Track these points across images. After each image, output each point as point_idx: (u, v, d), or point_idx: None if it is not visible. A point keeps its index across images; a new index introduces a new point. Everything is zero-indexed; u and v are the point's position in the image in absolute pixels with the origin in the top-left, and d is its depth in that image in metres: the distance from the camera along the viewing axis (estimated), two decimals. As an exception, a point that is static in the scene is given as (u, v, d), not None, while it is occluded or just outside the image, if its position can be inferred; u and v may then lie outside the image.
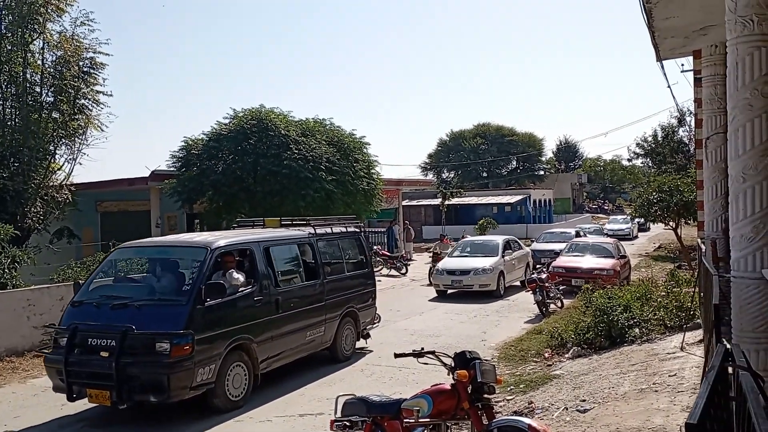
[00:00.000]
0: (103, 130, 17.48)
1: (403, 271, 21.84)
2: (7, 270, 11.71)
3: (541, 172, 62.80)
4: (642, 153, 38.69)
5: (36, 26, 16.16)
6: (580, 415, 6.13)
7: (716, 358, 2.98)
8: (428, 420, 4.55)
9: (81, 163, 17.61)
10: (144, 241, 9.08)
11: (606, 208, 65.85)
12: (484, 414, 4.44)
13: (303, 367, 9.24)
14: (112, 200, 23.06)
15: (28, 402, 8.17)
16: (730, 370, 3.02)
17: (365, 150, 18.77)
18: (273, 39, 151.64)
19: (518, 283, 17.65)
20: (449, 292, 16.71)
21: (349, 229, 10.84)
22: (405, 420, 4.63)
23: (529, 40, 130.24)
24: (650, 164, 38.23)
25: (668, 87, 47.42)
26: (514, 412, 6.57)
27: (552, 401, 6.86)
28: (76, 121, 16.85)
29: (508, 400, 7.33)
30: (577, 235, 23.88)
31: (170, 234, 17.89)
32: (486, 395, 4.48)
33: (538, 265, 18.21)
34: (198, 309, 7.00)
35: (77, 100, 16.76)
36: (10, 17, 16.05)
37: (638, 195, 24.67)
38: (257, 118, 17.08)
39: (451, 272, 16.57)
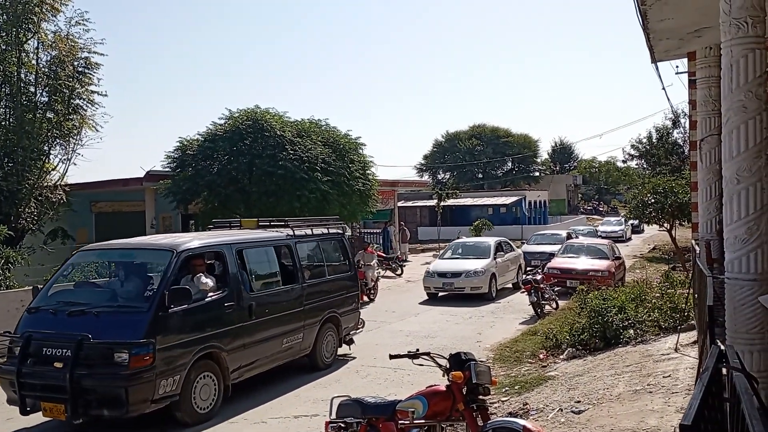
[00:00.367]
0: (97, 131, 17.47)
1: (399, 272, 21.87)
2: (0, 271, 11.67)
3: (537, 174, 62.93)
4: (637, 154, 38.84)
5: (30, 26, 16.11)
6: (575, 416, 6.14)
7: (710, 359, 2.98)
8: (423, 421, 4.55)
9: (75, 164, 17.62)
10: (107, 243, 8.61)
11: (601, 209, 66.00)
12: (479, 415, 4.44)
13: (298, 369, 9.23)
14: (106, 201, 22.98)
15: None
16: (724, 371, 3.03)
17: (361, 151, 18.76)
18: (269, 39, 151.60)
19: (510, 286, 17.53)
20: (440, 294, 16.42)
21: (331, 230, 10.41)
22: (400, 421, 4.63)
23: (524, 42, 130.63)
24: (645, 166, 38.36)
25: (663, 89, 47.49)
26: (509, 414, 6.57)
27: (547, 402, 6.87)
28: (70, 121, 16.80)
29: (503, 401, 7.34)
30: (569, 237, 23.62)
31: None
32: (481, 396, 4.49)
33: (529, 268, 18.21)
34: (161, 316, 6.58)
35: (72, 100, 16.71)
36: (4, 17, 15.99)
37: (633, 196, 24.74)
38: (252, 119, 17.04)
39: (442, 274, 16.27)
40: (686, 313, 9.16)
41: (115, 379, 6.27)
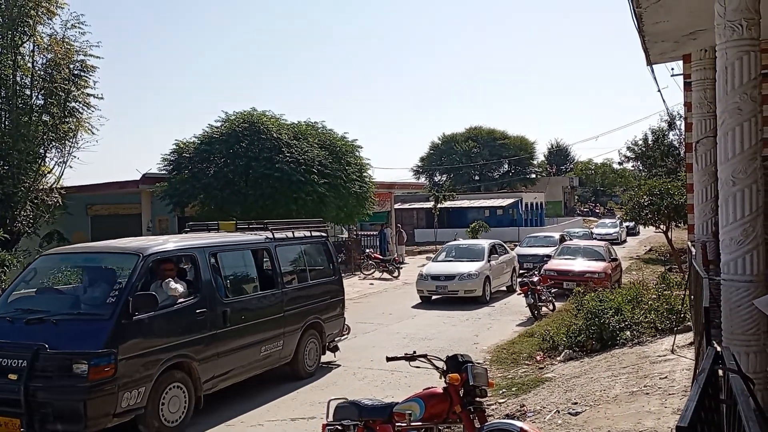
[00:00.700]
0: (93, 133, 17.40)
1: (395, 274, 21.86)
2: (-4, 274, 11.62)
3: (533, 176, 63.07)
4: (633, 156, 38.90)
5: (26, 29, 16.07)
6: (572, 417, 6.14)
7: (707, 360, 2.99)
8: (420, 423, 4.55)
9: (71, 167, 17.57)
10: (72, 247, 8.16)
11: (597, 211, 66.16)
12: (476, 417, 4.44)
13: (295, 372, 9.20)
14: (102, 204, 22.93)
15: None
16: (720, 372, 3.04)
17: (357, 153, 18.77)
18: (265, 42, 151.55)
19: (504, 288, 17.40)
20: (434, 298, 16.23)
21: (314, 233, 10.03)
22: (397, 424, 4.63)
23: (520, 44, 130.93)
24: (641, 167, 38.41)
25: (658, 91, 47.74)
26: (506, 415, 6.57)
27: (544, 404, 6.87)
28: (66, 124, 16.76)
29: (500, 403, 7.34)
30: (562, 239, 23.30)
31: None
32: (478, 398, 4.49)
33: (522, 271, 18.15)
34: (124, 324, 6.21)
35: (68, 103, 16.66)
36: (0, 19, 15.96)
37: (629, 198, 24.80)
38: (249, 121, 17.04)
39: (435, 277, 16.02)
40: (682, 315, 9.18)
41: (72, 392, 5.87)
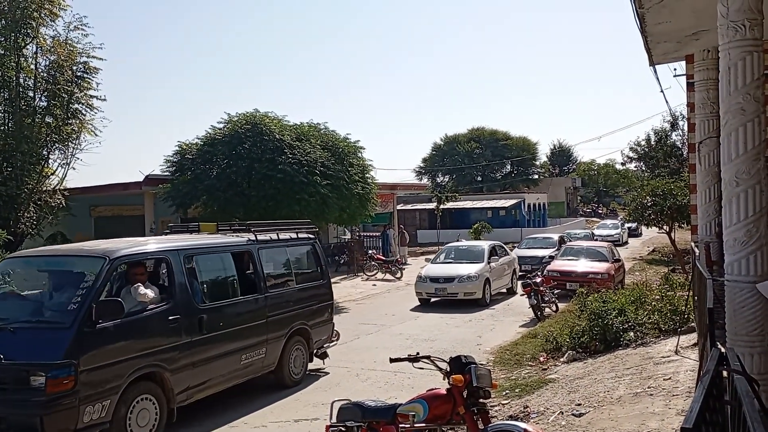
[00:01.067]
0: (96, 135, 17.52)
1: (398, 275, 21.85)
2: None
3: (536, 176, 63.06)
4: (635, 157, 38.91)
5: (29, 31, 16.15)
6: (576, 419, 6.13)
7: (711, 362, 2.99)
8: (424, 425, 4.55)
9: (75, 168, 17.67)
10: (36, 250, 7.83)
11: (600, 211, 66.08)
12: (480, 418, 4.43)
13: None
14: (106, 205, 22.99)
15: None
16: (725, 373, 3.03)
17: (360, 154, 18.75)
18: (266, 43, 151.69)
19: (504, 290, 17.22)
20: (432, 300, 15.96)
21: (301, 235, 9.58)
22: (401, 425, 4.63)
23: (523, 45, 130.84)
24: (644, 168, 38.40)
25: (661, 91, 47.80)
26: (510, 417, 6.56)
27: (547, 405, 6.86)
28: (69, 125, 16.83)
29: (503, 404, 7.33)
30: (561, 240, 22.99)
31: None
32: (481, 400, 4.48)
33: (521, 273, 18.00)
34: (87, 333, 5.79)
35: (71, 105, 16.75)
36: (3, 22, 16.03)
37: (632, 199, 24.77)
38: (251, 123, 17.04)
39: (434, 279, 15.77)
40: (686, 316, 9.16)
41: (29, 407, 5.48)
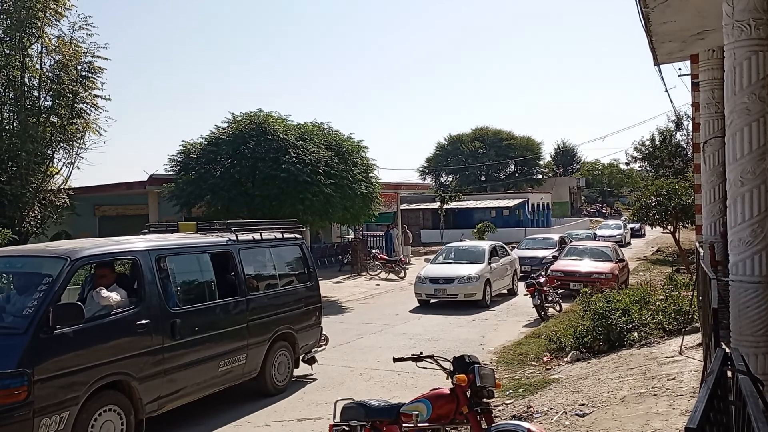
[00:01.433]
0: (101, 134, 17.57)
1: (402, 275, 21.83)
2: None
3: (539, 176, 62.95)
4: (640, 157, 38.74)
5: (34, 30, 16.20)
6: (579, 419, 6.13)
7: (715, 362, 2.98)
8: (427, 424, 4.55)
9: (79, 167, 17.72)
10: None
11: (604, 211, 65.95)
12: (483, 418, 4.43)
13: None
14: (110, 204, 23.06)
15: None
16: (729, 374, 3.02)
17: (363, 154, 18.76)
18: (271, 43, 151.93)
19: (505, 291, 17.07)
20: (432, 301, 15.77)
21: (287, 235, 9.17)
22: (404, 424, 4.63)
23: (527, 44, 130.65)
24: (648, 168, 38.27)
25: (666, 91, 47.82)
26: (513, 417, 6.56)
27: (551, 405, 6.85)
28: (74, 125, 16.88)
29: (507, 404, 7.33)
30: (562, 241, 22.79)
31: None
32: (485, 399, 4.48)
33: (521, 274, 17.90)
34: (43, 339, 5.38)
35: (75, 104, 16.79)
36: (8, 21, 16.08)
37: (636, 199, 24.72)
38: (255, 122, 17.07)
39: (434, 280, 15.56)
40: (690, 316, 9.14)
41: None
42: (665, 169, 31.88)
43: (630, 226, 38.51)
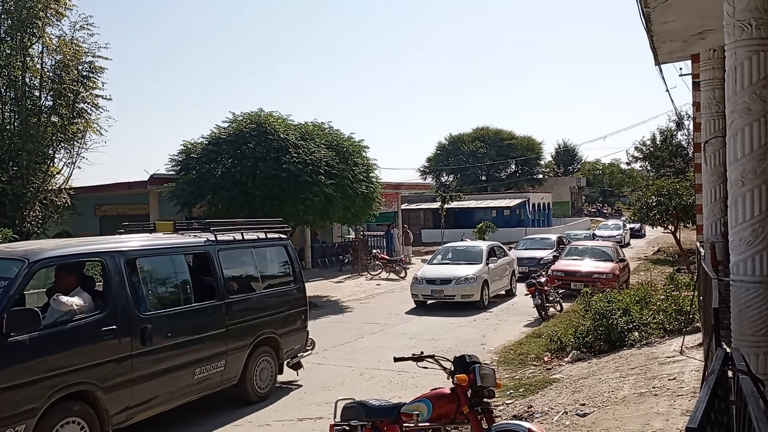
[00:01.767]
0: (102, 134, 17.58)
1: (402, 274, 21.84)
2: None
3: (540, 176, 62.98)
4: (641, 157, 38.71)
5: (35, 30, 16.21)
6: (580, 419, 6.12)
7: (716, 362, 2.97)
8: (428, 424, 4.55)
9: (80, 167, 17.71)
10: None
11: (605, 211, 65.95)
12: (484, 418, 4.43)
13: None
14: (111, 204, 23.07)
15: None
16: (730, 374, 3.02)
17: (364, 154, 18.76)
18: (273, 43, 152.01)
19: (503, 292, 16.92)
20: (428, 303, 15.62)
21: (270, 235, 8.79)
22: (405, 424, 4.63)
23: (528, 44, 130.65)
24: (649, 168, 38.26)
25: (667, 91, 47.77)
26: (514, 416, 6.56)
27: (552, 405, 6.85)
28: (75, 125, 16.89)
29: (507, 404, 7.32)
30: (560, 241, 22.69)
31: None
32: (486, 399, 4.48)
33: (519, 274, 17.82)
34: None
35: (76, 104, 16.81)
36: (9, 21, 16.10)
37: (637, 199, 24.72)
38: (256, 122, 17.07)
39: (431, 281, 15.36)
40: (691, 316, 9.14)
41: None
42: (666, 169, 31.87)
43: (630, 226, 38.50)
